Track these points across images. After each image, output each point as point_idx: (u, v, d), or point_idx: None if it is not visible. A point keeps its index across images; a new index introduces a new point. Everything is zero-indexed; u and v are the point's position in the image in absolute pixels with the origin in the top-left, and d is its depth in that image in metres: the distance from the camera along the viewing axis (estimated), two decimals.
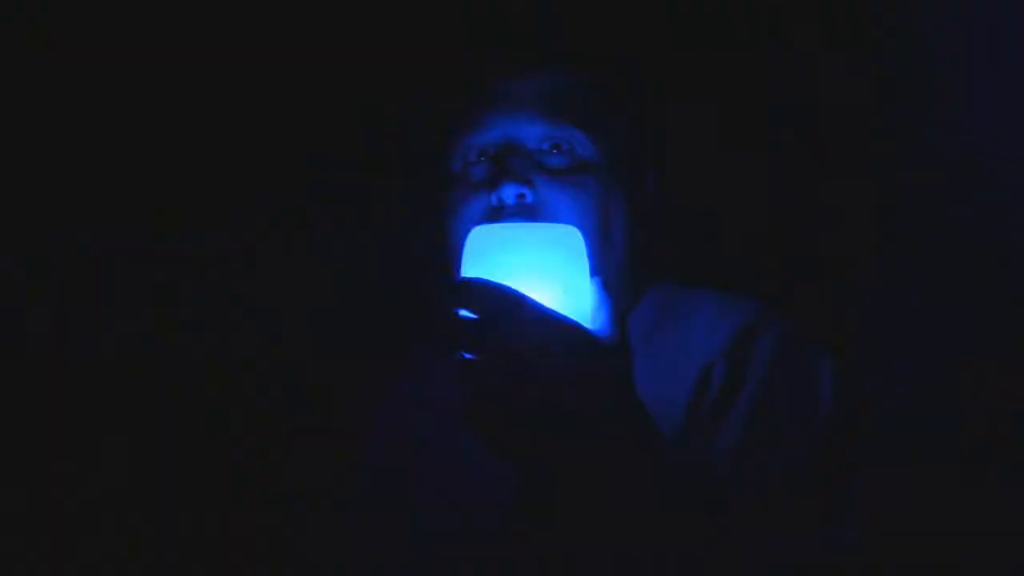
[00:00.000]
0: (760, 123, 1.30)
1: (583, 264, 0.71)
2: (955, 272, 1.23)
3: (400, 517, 0.93)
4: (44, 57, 1.29)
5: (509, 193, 0.85)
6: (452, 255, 0.87)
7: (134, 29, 1.31)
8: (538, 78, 0.91)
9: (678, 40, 1.27)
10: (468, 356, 0.66)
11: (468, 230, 0.75)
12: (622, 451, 0.66)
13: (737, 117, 1.29)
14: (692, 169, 1.21)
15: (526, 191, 0.85)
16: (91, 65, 1.30)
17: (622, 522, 0.66)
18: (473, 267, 0.71)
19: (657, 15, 1.27)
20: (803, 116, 1.30)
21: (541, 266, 0.70)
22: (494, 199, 0.86)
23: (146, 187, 1.33)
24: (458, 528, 0.88)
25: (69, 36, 1.29)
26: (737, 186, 1.27)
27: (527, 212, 0.85)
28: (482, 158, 0.90)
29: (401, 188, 1.10)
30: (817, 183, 1.28)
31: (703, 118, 1.27)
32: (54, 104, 1.31)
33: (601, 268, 0.82)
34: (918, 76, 1.25)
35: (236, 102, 1.33)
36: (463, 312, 0.66)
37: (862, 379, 1.03)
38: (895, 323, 1.23)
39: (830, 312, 1.18)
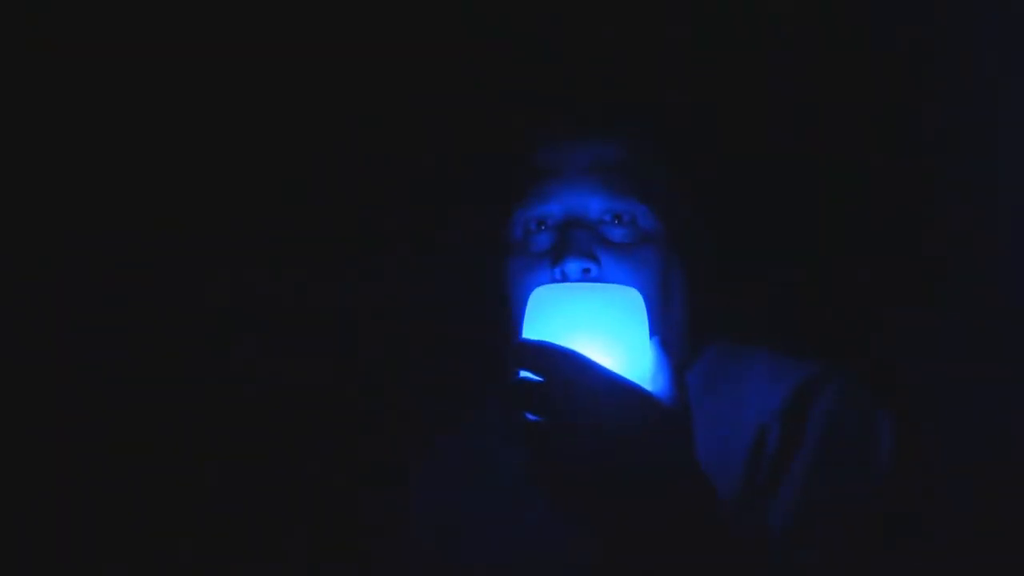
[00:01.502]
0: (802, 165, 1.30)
1: (643, 325, 0.73)
2: (1013, 318, 1.21)
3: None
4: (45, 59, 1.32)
5: (574, 268, 0.85)
6: (513, 321, 0.88)
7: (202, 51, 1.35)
8: (599, 149, 0.92)
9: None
10: (531, 417, 0.67)
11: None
12: (684, 513, 0.66)
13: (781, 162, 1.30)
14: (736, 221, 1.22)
15: (591, 266, 0.86)
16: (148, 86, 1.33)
17: None
18: (535, 327, 0.73)
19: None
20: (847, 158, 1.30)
21: (602, 327, 0.71)
22: (557, 273, 0.86)
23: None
24: None
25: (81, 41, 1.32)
26: (785, 236, 1.27)
27: None
28: (543, 227, 0.91)
29: (462, 250, 1.12)
30: (868, 231, 1.27)
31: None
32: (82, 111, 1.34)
33: (660, 329, 0.83)
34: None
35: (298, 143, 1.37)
36: (526, 373, 0.68)
37: (922, 434, 1.02)
38: (953, 375, 1.21)
39: (886, 366, 1.17)
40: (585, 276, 0.86)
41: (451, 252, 1.19)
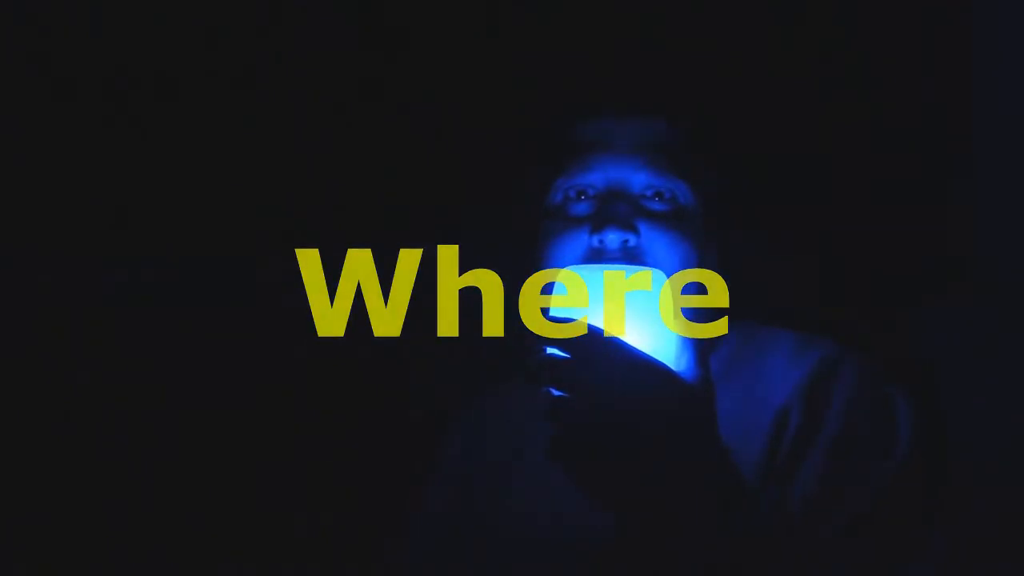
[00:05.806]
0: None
1: None
2: None
3: (478, 544, 0.96)
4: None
5: (614, 239, 0.87)
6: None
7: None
8: (642, 125, 0.94)
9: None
10: (556, 393, 0.68)
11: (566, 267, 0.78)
12: (705, 491, 0.67)
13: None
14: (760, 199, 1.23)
15: (630, 237, 0.87)
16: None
17: (702, 561, 0.67)
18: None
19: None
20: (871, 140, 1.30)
21: (628, 307, 0.73)
22: (596, 241, 0.88)
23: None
24: (535, 559, 0.90)
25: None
26: (811, 219, 1.28)
27: (628, 257, 0.87)
28: (583, 196, 0.93)
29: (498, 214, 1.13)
30: (890, 210, 1.27)
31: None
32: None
33: None
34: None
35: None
36: (552, 349, 0.69)
37: (941, 416, 1.02)
38: (974, 358, 1.21)
39: (907, 349, 1.18)
40: (623, 247, 0.88)
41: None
